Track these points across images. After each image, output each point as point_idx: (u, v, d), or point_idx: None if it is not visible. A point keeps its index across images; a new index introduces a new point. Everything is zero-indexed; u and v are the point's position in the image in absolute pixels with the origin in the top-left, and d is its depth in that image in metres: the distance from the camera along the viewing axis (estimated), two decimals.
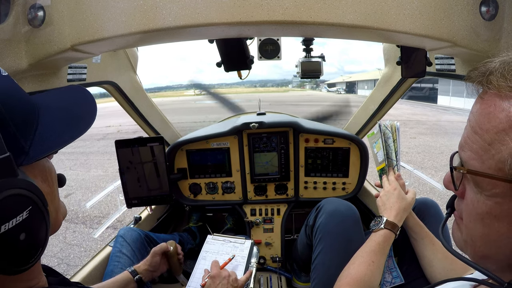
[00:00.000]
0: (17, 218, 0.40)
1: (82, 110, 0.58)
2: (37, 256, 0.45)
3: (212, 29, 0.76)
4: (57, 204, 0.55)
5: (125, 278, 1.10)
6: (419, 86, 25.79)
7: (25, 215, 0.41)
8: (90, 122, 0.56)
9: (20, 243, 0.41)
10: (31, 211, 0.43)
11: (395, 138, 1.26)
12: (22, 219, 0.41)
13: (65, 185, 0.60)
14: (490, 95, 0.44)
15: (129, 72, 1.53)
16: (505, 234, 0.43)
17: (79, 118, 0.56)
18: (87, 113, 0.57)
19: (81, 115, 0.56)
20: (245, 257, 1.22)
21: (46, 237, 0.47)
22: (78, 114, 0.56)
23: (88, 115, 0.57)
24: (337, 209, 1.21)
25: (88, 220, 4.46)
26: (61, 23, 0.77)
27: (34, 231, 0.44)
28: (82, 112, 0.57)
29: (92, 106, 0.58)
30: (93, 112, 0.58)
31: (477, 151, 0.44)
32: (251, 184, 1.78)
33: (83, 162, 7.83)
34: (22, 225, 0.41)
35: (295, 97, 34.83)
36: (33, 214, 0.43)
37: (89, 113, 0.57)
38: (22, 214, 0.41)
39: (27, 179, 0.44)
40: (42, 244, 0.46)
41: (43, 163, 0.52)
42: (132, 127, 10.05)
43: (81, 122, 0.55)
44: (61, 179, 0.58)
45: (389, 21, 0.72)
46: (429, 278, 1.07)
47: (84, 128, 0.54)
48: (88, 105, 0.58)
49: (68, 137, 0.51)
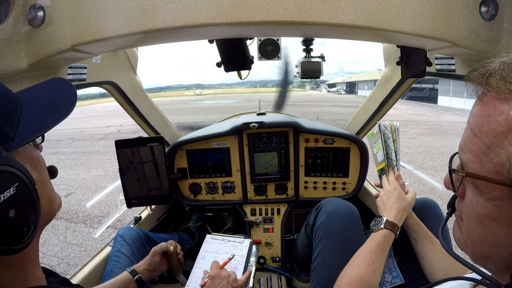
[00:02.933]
0: (5, 193, 0.42)
1: (61, 97, 0.62)
2: (29, 235, 0.47)
3: (212, 29, 0.76)
4: (49, 192, 0.58)
5: (125, 278, 1.10)
6: (419, 86, 25.79)
7: (12, 191, 0.43)
8: (70, 108, 0.59)
9: (10, 220, 0.43)
10: (18, 188, 0.44)
11: (395, 138, 1.26)
12: (10, 195, 0.43)
13: (65, 185, 0.61)
14: (490, 97, 0.44)
15: (129, 72, 1.53)
16: (503, 236, 0.43)
17: (58, 104, 0.60)
18: (66, 100, 0.61)
19: (60, 102, 0.60)
20: (244, 256, 1.22)
21: (37, 216, 0.48)
22: (58, 101, 0.61)
23: (67, 101, 0.61)
24: (337, 209, 1.21)
25: (88, 220, 4.46)
26: (61, 23, 0.77)
27: (24, 208, 0.45)
28: (62, 99, 0.61)
29: (70, 92, 0.62)
30: (72, 98, 0.61)
31: (477, 154, 0.44)
32: (251, 184, 1.78)
33: (83, 161, 7.84)
34: (10, 201, 0.43)
35: (295, 97, 34.86)
36: (21, 191, 0.45)
37: (69, 99, 0.61)
38: (9, 190, 0.43)
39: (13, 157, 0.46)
40: (34, 223, 0.47)
41: (30, 151, 0.55)
42: (132, 127, 10.06)
43: (61, 108, 0.59)
44: (52, 170, 0.61)
45: (389, 21, 0.72)
46: (429, 278, 1.07)
47: (65, 113, 0.58)
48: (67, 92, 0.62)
49: (50, 122, 0.55)
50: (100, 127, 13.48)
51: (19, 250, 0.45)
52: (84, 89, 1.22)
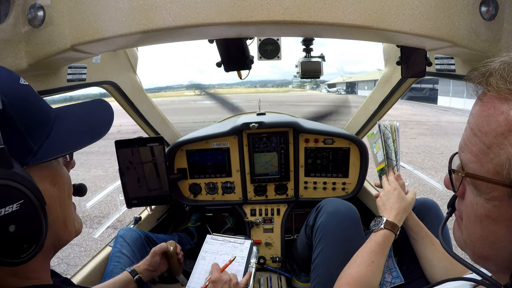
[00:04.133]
0: (6, 208, 0.41)
1: (97, 118, 0.60)
2: (30, 252, 0.45)
3: (212, 29, 0.76)
4: (66, 211, 0.56)
5: (125, 278, 1.10)
6: (419, 86, 25.80)
7: (16, 208, 0.42)
8: (103, 131, 0.58)
9: (9, 235, 0.42)
10: (23, 205, 0.43)
11: (395, 138, 1.26)
12: (12, 211, 0.42)
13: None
14: (490, 97, 0.43)
15: (129, 72, 1.53)
16: (503, 237, 0.43)
17: (92, 127, 0.59)
18: (101, 122, 0.60)
19: (94, 124, 0.59)
20: (244, 257, 1.21)
21: (41, 235, 0.47)
22: (92, 122, 0.59)
23: (102, 123, 0.59)
24: (337, 209, 1.21)
25: (88, 220, 4.46)
26: (61, 23, 0.77)
27: (25, 225, 0.44)
28: (97, 121, 0.60)
29: (108, 115, 0.61)
30: (108, 121, 0.60)
31: (477, 154, 0.44)
32: (251, 184, 1.78)
33: (83, 162, 7.83)
34: (12, 217, 0.42)
35: (295, 97, 34.82)
36: (25, 209, 0.44)
37: (104, 121, 0.60)
38: (12, 205, 0.42)
39: (23, 174, 0.45)
40: (37, 241, 0.46)
41: (55, 167, 0.54)
42: (132, 127, 10.05)
43: (93, 130, 0.58)
44: (80, 189, 0.60)
45: (389, 21, 0.72)
46: (429, 278, 1.07)
47: (96, 137, 0.57)
48: (105, 115, 0.61)
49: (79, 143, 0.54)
50: None
51: (16, 264, 0.44)
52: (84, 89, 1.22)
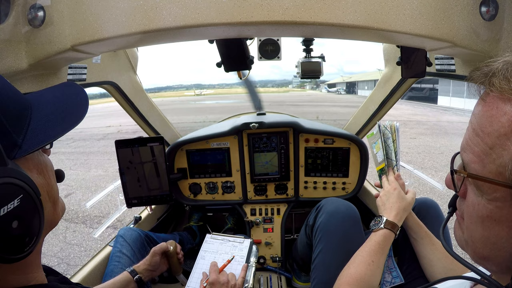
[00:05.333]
0: (9, 205, 0.42)
1: (73, 104, 0.59)
2: (32, 245, 0.46)
3: (212, 29, 0.76)
4: (55, 197, 0.57)
5: (125, 278, 1.10)
6: (419, 86, 25.81)
7: (17, 203, 0.43)
8: (81, 116, 0.57)
9: (13, 231, 0.43)
10: (23, 200, 0.44)
11: (395, 139, 1.26)
12: (14, 207, 0.42)
13: (65, 185, 0.61)
14: (492, 98, 0.43)
15: (129, 72, 1.53)
16: (505, 238, 0.43)
17: (70, 112, 0.58)
18: (78, 107, 0.59)
19: (71, 109, 0.58)
20: (244, 256, 1.22)
21: (40, 226, 0.48)
22: (69, 108, 0.58)
23: (79, 108, 0.59)
24: (337, 209, 1.21)
25: (88, 220, 4.46)
26: (61, 23, 0.77)
27: (27, 219, 0.45)
28: (73, 106, 0.59)
29: (82, 99, 0.60)
30: (84, 106, 0.59)
31: (479, 154, 0.44)
32: (251, 184, 1.78)
33: (83, 162, 7.84)
34: (14, 213, 0.43)
35: (295, 97, 34.81)
36: (25, 203, 0.44)
37: (80, 106, 0.59)
38: (13, 202, 0.42)
39: (17, 169, 0.45)
40: (37, 233, 0.47)
41: (38, 157, 0.54)
42: (132, 127, 10.06)
43: (72, 115, 0.57)
44: (59, 174, 0.60)
45: (389, 22, 0.72)
46: (429, 278, 1.07)
47: (75, 121, 0.56)
48: (79, 99, 0.60)
49: (60, 130, 0.53)
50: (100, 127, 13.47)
51: (20, 259, 0.44)
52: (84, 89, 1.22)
